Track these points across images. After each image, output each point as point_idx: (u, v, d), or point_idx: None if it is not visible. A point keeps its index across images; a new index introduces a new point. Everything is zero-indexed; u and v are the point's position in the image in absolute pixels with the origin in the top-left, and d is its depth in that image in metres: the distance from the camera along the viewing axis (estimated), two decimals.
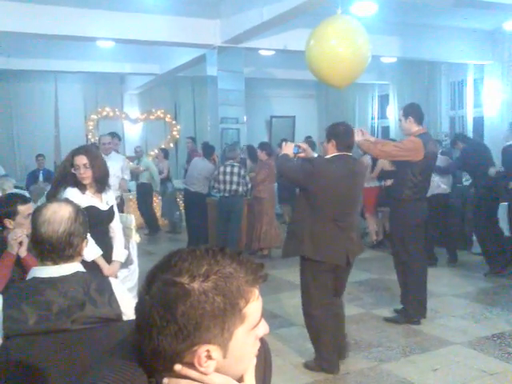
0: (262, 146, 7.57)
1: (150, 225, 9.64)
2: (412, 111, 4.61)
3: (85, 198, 3.27)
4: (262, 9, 6.21)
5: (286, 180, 4.13)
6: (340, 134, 3.57)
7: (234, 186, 7.00)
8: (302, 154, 3.79)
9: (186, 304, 0.88)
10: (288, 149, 3.76)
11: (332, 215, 3.52)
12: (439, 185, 6.54)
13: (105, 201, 3.46)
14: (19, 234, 2.66)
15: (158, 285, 0.91)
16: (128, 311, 1.80)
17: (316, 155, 3.85)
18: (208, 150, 7.89)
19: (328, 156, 3.61)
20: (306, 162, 3.68)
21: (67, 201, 1.95)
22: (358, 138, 4.06)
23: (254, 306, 0.94)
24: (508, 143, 6.20)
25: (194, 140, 10.53)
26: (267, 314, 1.01)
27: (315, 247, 3.51)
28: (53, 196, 3.35)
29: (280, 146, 9.74)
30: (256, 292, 0.95)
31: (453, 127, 10.49)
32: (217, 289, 0.90)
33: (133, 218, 4.69)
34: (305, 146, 3.83)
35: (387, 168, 6.99)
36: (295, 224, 3.72)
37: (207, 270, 0.91)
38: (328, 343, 3.66)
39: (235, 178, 6.99)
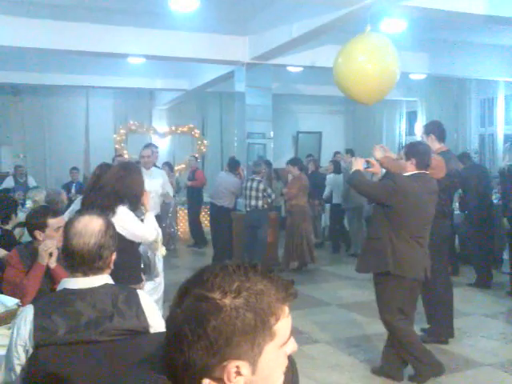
0: (294, 161, 7.62)
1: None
2: (434, 129, 4.58)
3: (132, 214, 3.34)
4: (291, 26, 6.23)
5: (363, 196, 4.24)
6: (420, 153, 3.64)
7: (253, 201, 7.10)
8: (371, 169, 3.90)
9: (217, 319, 0.89)
10: (359, 164, 3.82)
11: (413, 231, 3.58)
12: None
13: None
14: (50, 245, 2.72)
15: (189, 299, 0.92)
16: (155, 324, 1.81)
17: (384, 171, 3.93)
18: (233, 165, 7.94)
19: (407, 174, 3.65)
20: (387, 179, 3.74)
21: (98, 214, 1.99)
22: (378, 155, 4.06)
23: (283, 323, 0.95)
24: (507, 164, 6.15)
25: (196, 158, 10.47)
26: (292, 330, 1.00)
27: (399, 263, 3.55)
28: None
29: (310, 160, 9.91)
30: (286, 309, 0.96)
31: (482, 145, 10.33)
32: (248, 305, 0.90)
33: (160, 232, 4.72)
34: (374, 161, 3.91)
35: None
36: (375, 240, 3.72)
37: (239, 286, 0.91)
38: (423, 348, 3.67)
39: (254, 193, 7.09)
